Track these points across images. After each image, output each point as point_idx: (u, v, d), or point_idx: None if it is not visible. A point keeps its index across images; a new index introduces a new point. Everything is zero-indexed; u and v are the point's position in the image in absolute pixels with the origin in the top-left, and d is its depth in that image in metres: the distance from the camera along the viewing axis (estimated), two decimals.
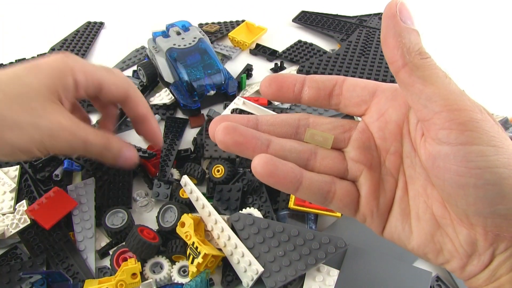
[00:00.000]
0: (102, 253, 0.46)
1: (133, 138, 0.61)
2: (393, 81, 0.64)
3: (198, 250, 0.41)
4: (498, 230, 0.24)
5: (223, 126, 0.27)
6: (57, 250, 0.45)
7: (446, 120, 0.23)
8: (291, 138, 0.29)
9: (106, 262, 0.46)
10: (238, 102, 0.60)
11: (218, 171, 0.51)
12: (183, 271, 0.44)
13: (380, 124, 0.28)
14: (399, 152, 0.28)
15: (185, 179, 0.48)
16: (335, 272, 0.42)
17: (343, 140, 0.29)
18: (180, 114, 0.64)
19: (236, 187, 0.50)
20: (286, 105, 0.64)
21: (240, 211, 0.46)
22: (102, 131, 0.42)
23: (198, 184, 0.53)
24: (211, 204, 0.46)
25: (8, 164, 0.53)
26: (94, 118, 0.59)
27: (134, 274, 0.41)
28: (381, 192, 0.28)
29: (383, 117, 0.28)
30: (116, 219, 0.48)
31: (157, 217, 0.47)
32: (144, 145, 0.59)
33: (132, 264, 0.41)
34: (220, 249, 0.44)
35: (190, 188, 0.47)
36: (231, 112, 0.59)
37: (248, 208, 0.47)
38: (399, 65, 0.24)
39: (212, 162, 0.52)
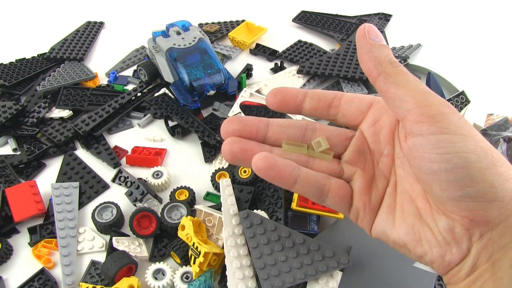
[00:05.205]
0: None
1: (131, 138, 0.60)
2: None
3: (199, 250, 0.41)
4: (471, 215, 0.25)
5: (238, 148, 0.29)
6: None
7: (418, 115, 0.25)
8: (297, 141, 0.31)
9: (101, 258, 0.46)
10: (245, 95, 0.60)
11: (244, 171, 0.52)
12: (185, 277, 0.44)
13: (375, 129, 0.31)
14: (392, 154, 0.30)
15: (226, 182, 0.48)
16: (338, 274, 0.42)
17: (343, 147, 0.32)
18: None
19: (247, 189, 0.49)
20: None
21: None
22: None
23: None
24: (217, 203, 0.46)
25: None
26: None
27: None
28: (373, 188, 0.30)
29: (377, 124, 0.31)
30: (106, 213, 0.49)
31: (161, 215, 0.47)
32: (147, 144, 0.59)
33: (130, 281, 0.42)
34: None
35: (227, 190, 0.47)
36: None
37: (259, 210, 0.47)
38: (374, 76, 0.27)
39: None
